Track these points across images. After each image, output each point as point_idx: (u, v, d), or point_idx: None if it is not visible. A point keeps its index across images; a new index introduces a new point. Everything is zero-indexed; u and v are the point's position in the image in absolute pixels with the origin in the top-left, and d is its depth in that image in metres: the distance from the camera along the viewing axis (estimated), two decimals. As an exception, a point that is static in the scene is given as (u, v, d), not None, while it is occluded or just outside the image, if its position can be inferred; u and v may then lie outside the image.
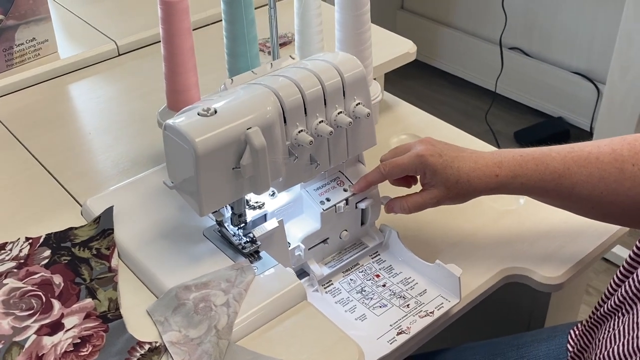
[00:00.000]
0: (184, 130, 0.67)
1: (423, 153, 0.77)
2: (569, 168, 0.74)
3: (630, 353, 0.60)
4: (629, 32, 1.68)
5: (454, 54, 2.53)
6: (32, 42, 1.11)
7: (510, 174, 0.76)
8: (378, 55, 0.94)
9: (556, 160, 0.75)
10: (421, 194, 0.79)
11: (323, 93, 0.73)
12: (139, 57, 1.18)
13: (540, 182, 0.75)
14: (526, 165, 0.76)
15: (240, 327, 0.68)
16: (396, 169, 0.79)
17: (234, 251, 0.76)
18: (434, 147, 0.78)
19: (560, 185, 0.75)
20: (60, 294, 0.73)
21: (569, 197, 0.75)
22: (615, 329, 0.64)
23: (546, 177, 0.75)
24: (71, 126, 1.03)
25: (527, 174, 0.76)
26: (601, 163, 0.73)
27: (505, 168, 0.76)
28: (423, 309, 0.79)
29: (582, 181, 0.74)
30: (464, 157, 0.78)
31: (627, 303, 0.64)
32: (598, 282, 1.75)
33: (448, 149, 0.78)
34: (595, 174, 0.73)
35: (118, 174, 0.92)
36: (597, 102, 2.15)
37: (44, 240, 0.80)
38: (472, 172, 0.77)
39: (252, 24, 0.84)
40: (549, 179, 0.75)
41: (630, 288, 0.64)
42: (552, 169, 0.75)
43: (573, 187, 0.74)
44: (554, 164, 0.75)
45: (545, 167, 0.75)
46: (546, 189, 0.76)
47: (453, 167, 0.77)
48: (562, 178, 0.75)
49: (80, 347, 0.67)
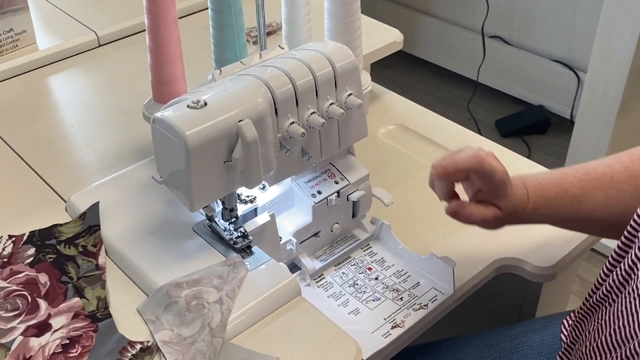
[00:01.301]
0: (173, 123, 0.65)
1: (483, 154, 0.71)
2: (586, 192, 0.73)
3: (619, 342, 0.60)
4: (610, 21, 1.68)
5: (435, 43, 2.53)
6: (9, 33, 1.08)
7: (534, 206, 0.73)
8: (364, 45, 0.93)
9: (574, 184, 0.73)
10: (480, 208, 0.73)
11: (315, 83, 0.72)
12: (120, 48, 1.15)
13: (561, 210, 0.73)
14: (547, 194, 0.73)
15: (234, 325, 0.67)
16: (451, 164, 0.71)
17: (225, 246, 0.74)
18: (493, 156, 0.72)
19: (579, 211, 0.73)
20: (47, 293, 0.71)
21: (588, 220, 0.74)
22: (602, 319, 0.64)
23: (566, 203, 0.73)
24: (52, 119, 1.00)
25: (548, 204, 0.73)
26: (616, 182, 0.72)
27: (531, 200, 0.74)
28: (417, 301, 0.78)
29: (600, 204, 0.72)
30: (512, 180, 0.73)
31: (613, 293, 0.64)
32: (581, 270, 1.76)
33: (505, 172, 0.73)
34: (613, 195, 0.72)
35: (103, 168, 0.90)
36: (578, 90, 2.16)
37: (27, 238, 0.77)
38: (516, 201, 0.72)
39: (239, 13, 0.82)
40: (569, 205, 0.73)
41: (617, 277, 0.63)
42: (571, 195, 0.73)
43: (592, 211, 0.73)
44: (572, 190, 0.73)
45: (564, 194, 0.73)
46: (566, 214, 0.74)
47: (509, 186, 0.72)
48: (581, 203, 0.73)
49: (69, 348, 0.65)
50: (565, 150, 1.96)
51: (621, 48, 1.69)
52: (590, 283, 1.69)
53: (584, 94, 1.83)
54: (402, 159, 0.98)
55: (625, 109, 1.78)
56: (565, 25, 2.18)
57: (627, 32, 1.67)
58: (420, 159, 0.98)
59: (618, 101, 1.75)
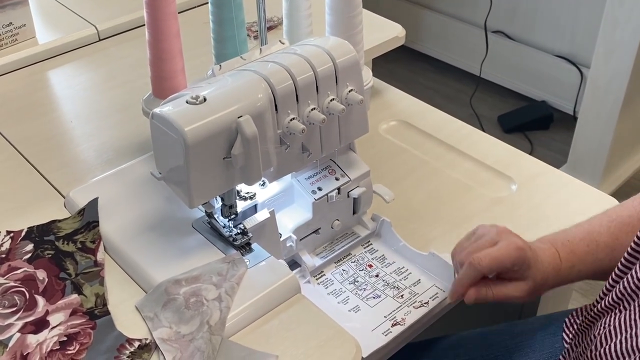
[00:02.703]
0: (172, 119, 0.65)
1: (522, 246, 0.70)
2: (617, 238, 0.72)
3: (628, 351, 0.59)
4: (614, 16, 1.67)
5: (438, 37, 2.52)
6: (9, 27, 1.07)
7: (569, 265, 0.72)
8: (366, 40, 0.92)
9: (603, 234, 0.72)
10: (508, 286, 0.71)
11: (315, 79, 0.71)
12: (120, 42, 1.14)
13: (595, 262, 0.72)
14: (578, 249, 0.72)
15: (234, 322, 0.66)
16: (494, 263, 0.69)
17: (225, 243, 0.74)
18: (522, 239, 0.71)
19: (614, 259, 0.71)
20: (45, 290, 0.70)
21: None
22: (612, 325, 0.63)
23: (599, 255, 0.72)
24: (52, 114, 1.00)
25: (581, 259, 0.72)
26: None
27: (563, 259, 0.72)
28: (417, 299, 0.78)
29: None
30: (538, 249, 0.72)
31: (625, 299, 0.63)
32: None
33: (527, 242, 0.72)
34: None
35: (102, 164, 0.90)
36: (581, 86, 2.15)
37: (26, 234, 0.77)
38: (548, 267, 0.72)
39: (239, 8, 0.81)
40: (602, 256, 0.72)
41: (629, 284, 0.63)
42: (603, 245, 0.72)
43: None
44: (602, 239, 0.72)
45: (595, 246, 0.72)
46: (602, 266, 0.73)
47: (539, 261, 0.71)
48: (615, 251, 0.72)
49: (67, 345, 0.65)
50: (567, 146, 1.95)
51: (624, 44, 1.68)
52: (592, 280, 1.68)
53: (587, 90, 1.83)
54: (403, 155, 0.98)
55: (628, 105, 1.78)
56: (569, 21, 2.17)
57: (631, 27, 1.66)
58: (422, 155, 0.97)
59: (621, 97, 1.74)
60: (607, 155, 1.84)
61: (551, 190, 0.91)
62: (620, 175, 1.94)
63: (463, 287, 0.71)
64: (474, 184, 0.92)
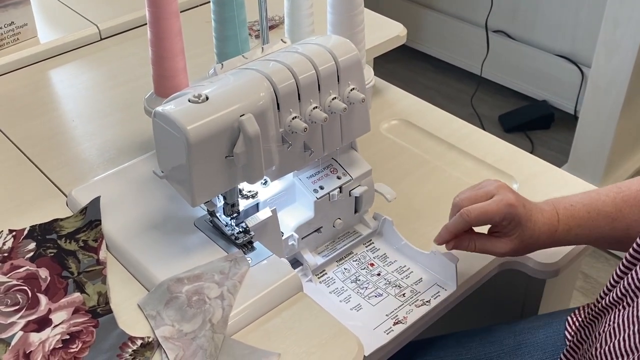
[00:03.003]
0: (174, 117, 0.65)
1: (514, 203, 0.71)
2: (620, 210, 0.72)
3: (632, 349, 0.59)
4: (615, 15, 1.67)
5: (439, 37, 2.52)
6: (10, 26, 1.08)
7: (566, 227, 0.73)
8: (367, 39, 0.92)
9: (607, 204, 0.73)
10: (492, 241, 0.74)
11: (317, 78, 0.71)
12: (122, 42, 1.15)
13: (595, 229, 0.73)
14: (578, 215, 0.73)
15: (236, 321, 0.67)
16: (484, 217, 0.72)
17: (227, 242, 0.74)
18: (518, 196, 0.73)
19: (614, 229, 0.73)
20: (47, 288, 0.70)
21: (626, 238, 0.73)
22: (615, 322, 0.63)
23: (600, 222, 0.73)
24: (53, 113, 1.00)
25: (580, 224, 0.73)
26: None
27: (561, 222, 0.73)
28: (419, 298, 0.78)
29: (636, 221, 0.72)
30: (535, 209, 0.73)
31: (628, 296, 0.63)
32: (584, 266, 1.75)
33: (525, 199, 0.74)
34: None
35: (104, 162, 0.90)
36: (582, 85, 2.15)
37: (28, 233, 0.77)
38: (542, 227, 0.73)
39: (241, 7, 0.81)
40: (603, 224, 0.73)
41: (633, 281, 0.63)
42: (605, 214, 0.73)
43: (628, 229, 0.72)
44: (606, 209, 0.73)
45: (597, 213, 0.73)
46: (602, 234, 0.73)
47: (531, 220, 0.72)
48: (616, 221, 0.72)
49: (70, 343, 0.65)
50: (568, 146, 1.95)
51: (625, 43, 1.68)
52: (594, 279, 1.68)
53: (587, 89, 1.83)
54: (405, 154, 0.98)
55: (629, 104, 1.78)
56: (569, 20, 2.17)
57: (632, 26, 1.66)
58: (423, 154, 0.97)
59: (622, 96, 1.74)
60: (608, 154, 1.84)
61: (552, 189, 0.91)
62: (621, 174, 1.95)
63: (449, 234, 0.74)
64: (475, 183, 0.92)
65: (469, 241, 0.75)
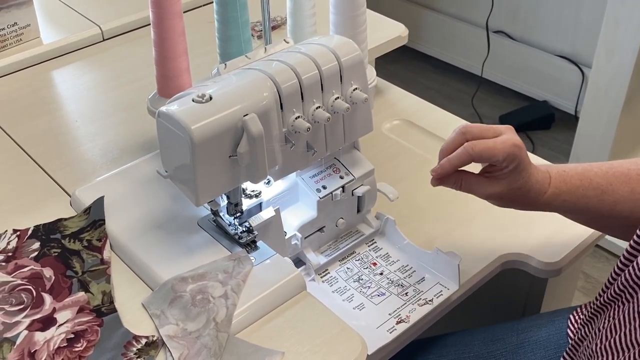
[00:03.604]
0: (179, 117, 0.65)
1: (519, 145, 0.70)
2: (611, 184, 0.72)
3: (632, 344, 0.59)
4: (616, 15, 1.68)
5: (440, 38, 2.52)
6: (13, 27, 1.08)
7: (556, 191, 0.73)
8: (369, 39, 0.93)
9: (598, 175, 0.73)
10: (480, 181, 0.72)
11: (320, 78, 0.71)
12: (124, 42, 1.15)
13: (583, 198, 0.73)
14: (570, 181, 0.73)
15: (240, 319, 0.67)
16: (487, 152, 0.69)
17: (230, 241, 0.74)
18: (522, 143, 0.72)
19: (602, 202, 0.72)
20: (52, 287, 0.71)
21: (609, 214, 0.73)
22: (615, 318, 0.64)
23: (589, 192, 0.72)
24: (56, 113, 1.00)
25: (570, 190, 0.73)
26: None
27: (552, 185, 0.73)
28: (422, 297, 0.78)
29: (625, 198, 0.72)
30: (533, 165, 0.73)
31: (627, 292, 0.64)
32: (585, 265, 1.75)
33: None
34: (638, 190, 0.71)
35: (107, 162, 0.90)
36: (582, 85, 2.16)
37: (32, 232, 0.77)
38: (534, 184, 0.72)
39: (244, 7, 0.81)
40: (592, 194, 0.72)
41: (631, 276, 0.63)
42: (595, 184, 0.72)
43: (615, 204, 0.72)
44: (596, 179, 0.72)
45: (588, 182, 0.72)
46: (587, 205, 0.73)
47: (528, 171, 0.72)
48: (605, 194, 0.72)
49: (74, 342, 0.65)
50: (569, 146, 1.95)
51: (626, 43, 1.68)
52: (595, 279, 1.68)
53: (588, 90, 1.83)
54: (406, 154, 0.98)
55: (629, 105, 1.78)
56: (570, 21, 2.17)
57: (632, 27, 1.66)
58: (425, 154, 0.98)
59: (622, 96, 1.74)
60: (608, 154, 1.84)
61: (554, 189, 0.91)
62: (622, 174, 1.94)
63: (450, 166, 0.71)
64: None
65: (456, 179, 0.72)
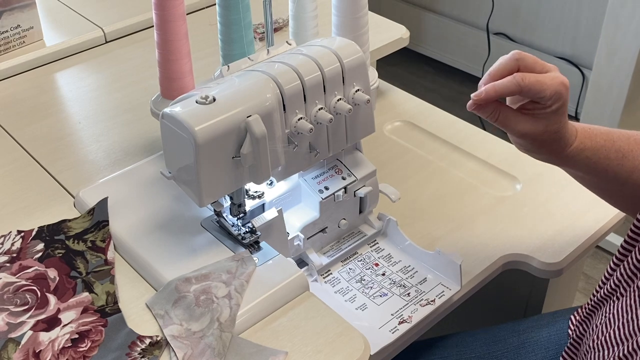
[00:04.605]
0: (182, 118, 0.65)
1: (567, 85, 0.68)
2: (632, 150, 0.72)
3: (626, 336, 0.60)
4: (616, 17, 1.68)
5: (440, 40, 2.52)
6: (16, 29, 1.08)
7: (581, 146, 0.72)
8: (370, 41, 0.93)
9: (621, 139, 0.72)
10: (518, 117, 0.70)
11: (322, 79, 0.72)
12: (126, 45, 1.15)
13: (604, 159, 0.72)
14: (595, 139, 0.72)
15: (243, 319, 0.67)
16: (537, 86, 0.67)
17: (233, 242, 0.75)
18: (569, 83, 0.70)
19: (621, 167, 0.72)
20: (56, 288, 0.71)
21: (625, 181, 0.73)
22: (610, 313, 0.64)
23: (611, 154, 0.72)
24: (60, 115, 1.01)
25: (594, 148, 0.72)
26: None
27: (578, 139, 0.72)
28: (424, 297, 0.78)
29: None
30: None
31: (621, 286, 0.64)
32: (586, 266, 1.76)
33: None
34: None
35: (111, 164, 0.90)
36: (582, 87, 2.16)
37: (36, 233, 0.78)
38: (565, 132, 0.71)
39: (247, 9, 0.82)
40: (614, 156, 0.72)
41: (625, 271, 0.63)
42: (618, 147, 0.72)
43: (633, 171, 0.72)
44: (619, 142, 0.72)
45: (611, 144, 0.72)
46: (608, 167, 0.72)
47: (565, 117, 0.70)
48: (625, 159, 0.72)
49: (79, 342, 0.66)
50: (570, 147, 1.96)
51: (626, 45, 1.69)
52: (595, 280, 1.68)
53: (588, 91, 1.83)
54: (408, 155, 0.98)
55: (630, 106, 1.78)
56: (570, 22, 2.18)
57: (633, 28, 1.66)
58: (427, 155, 0.98)
59: (623, 98, 1.75)
60: (609, 156, 1.84)
61: (555, 190, 0.91)
62: (623, 176, 1.95)
63: (496, 93, 0.68)
64: (479, 184, 0.93)
65: (495, 109, 0.70)
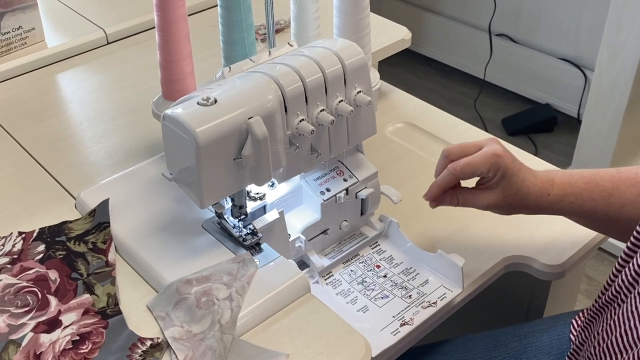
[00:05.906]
0: (184, 120, 0.65)
1: (500, 153, 0.73)
2: (618, 187, 0.73)
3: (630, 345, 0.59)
4: (618, 18, 1.68)
5: (442, 41, 2.52)
6: (18, 30, 1.08)
7: (561, 193, 0.74)
8: (372, 42, 0.93)
9: (605, 179, 0.73)
10: (475, 194, 0.75)
11: (324, 81, 0.72)
12: (128, 46, 1.15)
13: (589, 201, 0.73)
14: (576, 184, 0.74)
15: (244, 321, 0.67)
16: (469, 168, 0.73)
17: (235, 243, 0.74)
18: (507, 151, 0.74)
19: (609, 205, 0.73)
20: (57, 289, 0.71)
21: (617, 218, 0.73)
22: (611, 319, 0.64)
23: (596, 195, 0.73)
24: (61, 116, 1.00)
25: (576, 193, 0.73)
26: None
27: (556, 187, 0.74)
28: (426, 299, 0.78)
29: (632, 200, 0.72)
30: (527, 169, 0.75)
31: (622, 293, 0.64)
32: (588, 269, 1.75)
33: (515, 157, 0.75)
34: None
35: (112, 165, 0.90)
36: (585, 88, 2.16)
37: (37, 235, 0.78)
38: (531, 187, 0.74)
39: (248, 11, 0.82)
40: (599, 197, 0.73)
41: (627, 277, 0.63)
42: (602, 187, 0.73)
43: (622, 207, 0.73)
44: (603, 183, 0.73)
45: (594, 185, 0.73)
46: (595, 209, 0.74)
47: (519, 175, 0.73)
48: (612, 197, 0.73)
49: (80, 344, 0.66)
50: (572, 149, 1.96)
51: (628, 46, 1.69)
52: (598, 282, 1.68)
53: (591, 92, 1.83)
54: (410, 157, 0.98)
55: (632, 107, 1.78)
56: (572, 24, 2.18)
57: (635, 30, 1.66)
58: (428, 156, 0.98)
59: (625, 99, 1.74)
60: (611, 158, 1.84)
61: (557, 191, 0.91)
62: (625, 177, 1.94)
63: (438, 189, 0.75)
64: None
65: (452, 196, 0.75)
